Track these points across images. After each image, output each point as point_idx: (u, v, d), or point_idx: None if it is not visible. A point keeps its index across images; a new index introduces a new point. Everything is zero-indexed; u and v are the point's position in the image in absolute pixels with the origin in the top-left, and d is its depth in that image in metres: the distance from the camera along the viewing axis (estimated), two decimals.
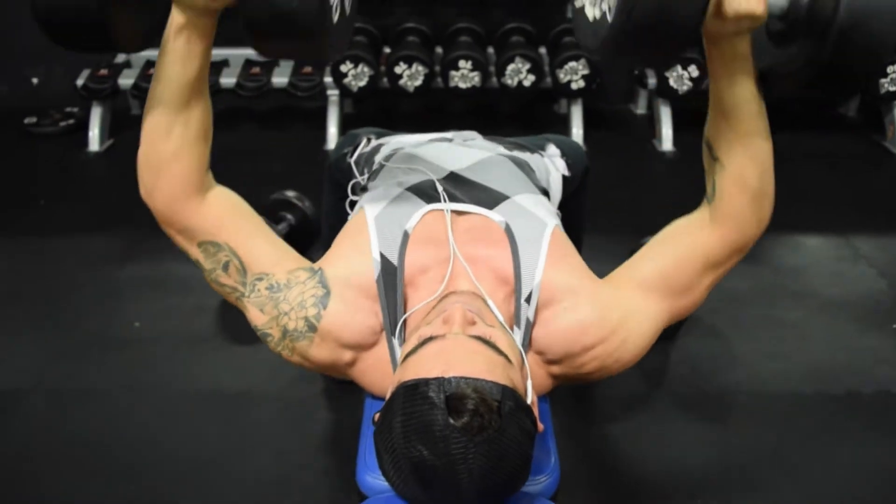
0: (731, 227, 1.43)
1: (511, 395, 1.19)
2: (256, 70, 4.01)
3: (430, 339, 1.27)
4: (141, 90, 3.93)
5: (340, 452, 1.97)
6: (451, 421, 1.12)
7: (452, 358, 1.22)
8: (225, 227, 1.43)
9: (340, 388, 2.18)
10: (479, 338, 1.27)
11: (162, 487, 1.92)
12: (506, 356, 1.27)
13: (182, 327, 2.53)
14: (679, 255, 1.46)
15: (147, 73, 3.98)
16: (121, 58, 4.18)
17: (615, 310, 1.43)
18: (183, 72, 1.33)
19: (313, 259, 1.50)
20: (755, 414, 2.17)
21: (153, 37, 1.37)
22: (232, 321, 2.56)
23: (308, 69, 3.99)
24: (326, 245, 2.10)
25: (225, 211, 1.45)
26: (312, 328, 1.41)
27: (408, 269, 1.45)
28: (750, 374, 2.32)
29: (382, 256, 1.45)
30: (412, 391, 1.17)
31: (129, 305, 2.67)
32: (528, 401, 1.26)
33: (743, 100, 1.34)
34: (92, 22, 1.21)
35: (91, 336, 2.50)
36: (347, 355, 1.45)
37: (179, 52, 1.31)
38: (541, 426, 1.27)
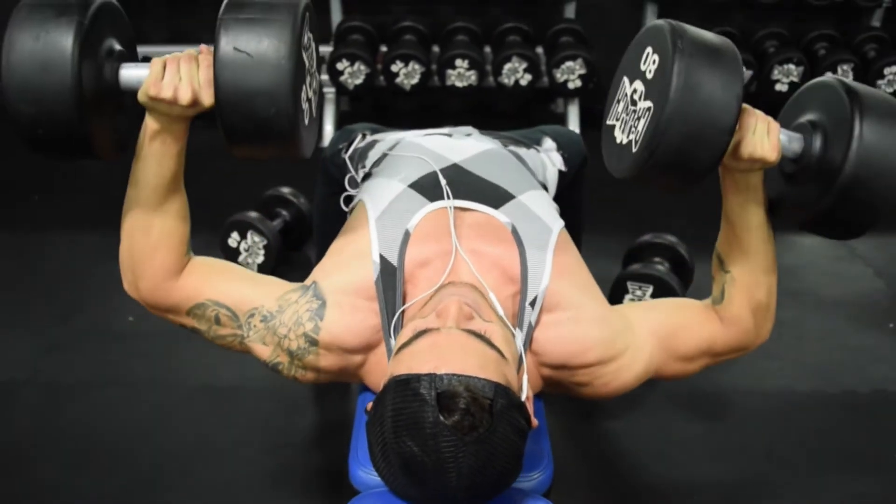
0: (735, 330, 1.49)
1: (504, 393, 1.17)
2: None
3: (424, 332, 1.26)
4: None
5: (333, 447, 1.96)
6: (442, 419, 1.11)
7: (445, 353, 1.20)
8: (204, 287, 1.45)
9: (333, 383, 2.17)
10: (473, 332, 1.26)
11: (154, 480, 1.91)
12: (500, 352, 1.26)
13: None
14: (688, 326, 1.49)
15: None
16: None
17: (621, 338, 1.44)
18: (159, 172, 1.36)
19: (308, 257, 1.49)
20: (751, 412, 2.17)
21: (128, 143, 1.40)
22: None
23: None
24: (318, 240, 2.09)
25: (201, 275, 1.46)
26: (314, 342, 1.40)
27: (407, 265, 1.43)
28: (746, 373, 2.31)
29: (382, 258, 1.43)
30: (403, 386, 1.16)
31: (123, 299, 2.63)
32: (523, 397, 1.25)
33: (753, 226, 1.41)
34: (74, 135, 1.23)
35: (86, 330, 2.49)
36: (357, 358, 1.44)
37: (155, 156, 1.34)
38: (535, 422, 1.26)
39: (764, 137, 1.29)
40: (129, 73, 1.30)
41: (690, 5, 4.05)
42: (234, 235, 2.67)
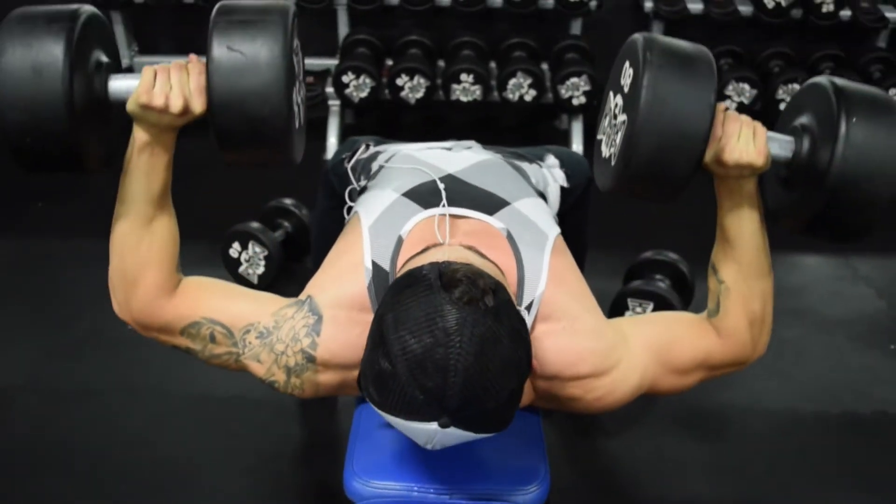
0: (731, 343, 1.46)
1: (505, 291, 1.20)
2: None
3: (424, 249, 1.32)
4: None
5: (329, 457, 1.95)
6: (445, 293, 1.12)
7: (448, 255, 1.26)
8: (199, 304, 1.43)
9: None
10: (474, 249, 1.33)
11: (153, 489, 1.90)
12: (500, 270, 1.32)
13: None
14: (683, 339, 1.47)
15: None
16: (123, 62, 4.19)
17: (615, 351, 1.41)
18: (148, 186, 1.35)
19: (310, 268, 1.48)
20: (751, 431, 2.15)
21: (115, 156, 1.40)
22: None
23: (311, 79, 3.99)
24: (314, 254, 2.08)
25: (195, 293, 1.44)
26: (311, 359, 1.39)
27: (399, 264, 1.43)
28: (746, 392, 2.30)
29: (374, 264, 1.42)
30: (405, 276, 1.19)
31: None
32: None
33: (747, 233, 1.39)
34: (64, 145, 1.23)
35: (85, 337, 2.48)
36: (356, 373, 1.43)
37: (143, 168, 1.34)
38: (536, 364, 1.28)
39: (749, 142, 1.29)
40: (119, 83, 1.31)
41: (696, 24, 4.06)
42: (236, 246, 2.67)
